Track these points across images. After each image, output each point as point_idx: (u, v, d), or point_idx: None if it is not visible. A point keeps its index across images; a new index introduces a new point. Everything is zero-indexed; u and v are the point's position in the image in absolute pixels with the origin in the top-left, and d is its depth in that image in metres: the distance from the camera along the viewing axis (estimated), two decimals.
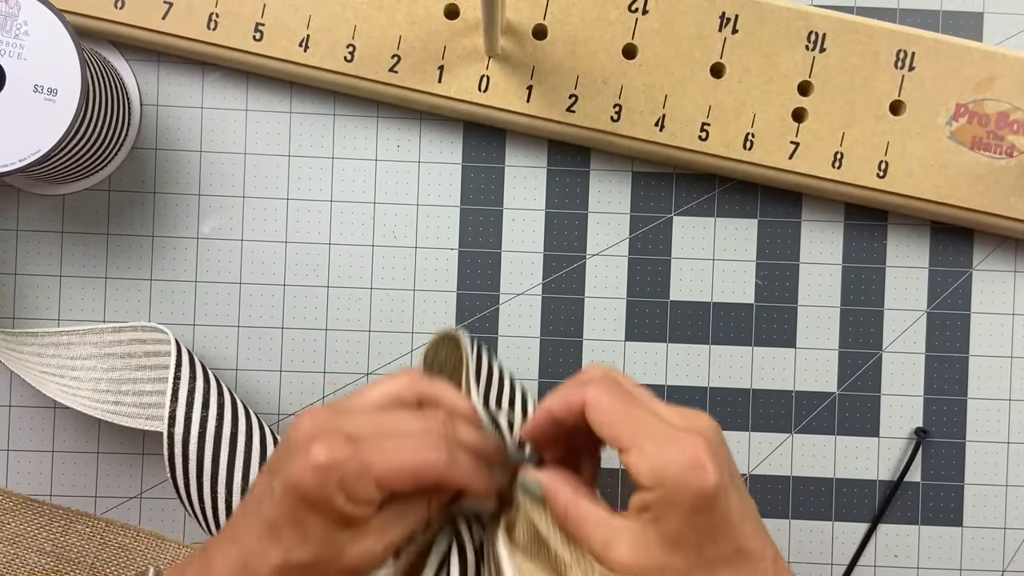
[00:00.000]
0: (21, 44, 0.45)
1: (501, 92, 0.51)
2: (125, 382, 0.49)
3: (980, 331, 0.54)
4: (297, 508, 0.33)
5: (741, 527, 0.32)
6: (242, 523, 0.35)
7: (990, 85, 0.51)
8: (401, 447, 0.34)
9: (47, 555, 0.50)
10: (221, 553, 0.34)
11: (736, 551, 0.32)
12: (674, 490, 0.31)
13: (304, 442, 0.33)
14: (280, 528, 0.33)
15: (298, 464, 0.32)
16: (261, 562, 0.33)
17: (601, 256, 0.54)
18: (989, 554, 0.54)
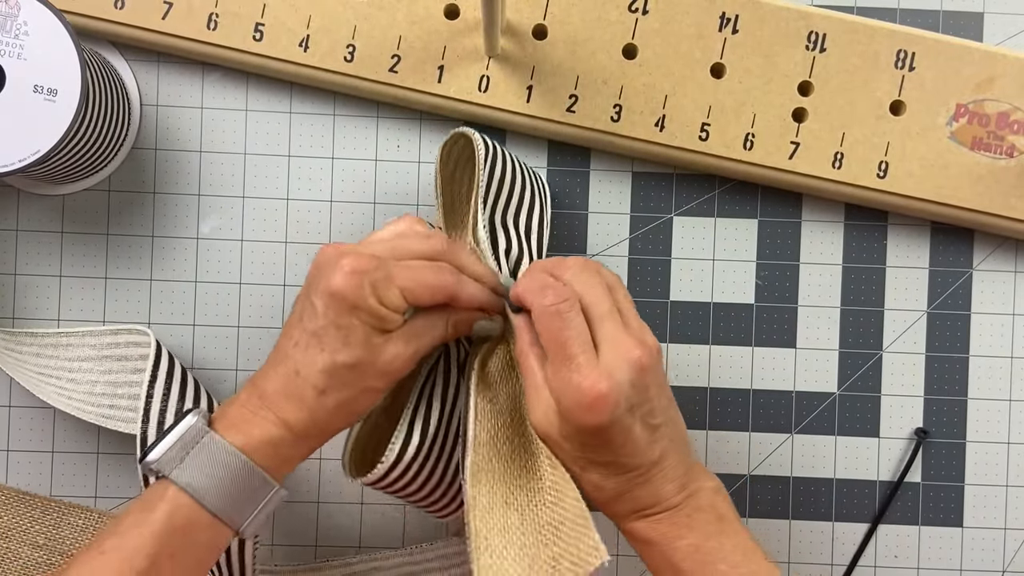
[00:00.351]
0: (21, 44, 0.45)
1: (501, 92, 0.51)
2: (121, 385, 0.49)
3: (980, 331, 0.54)
4: (339, 314, 0.38)
5: (621, 447, 0.38)
6: (286, 344, 0.40)
7: (990, 85, 0.51)
8: (418, 266, 0.40)
9: (40, 548, 0.50)
10: (271, 372, 0.40)
11: (610, 462, 0.39)
12: (565, 412, 0.38)
13: (334, 259, 0.39)
14: (324, 335, 0.39)
15: (334, 275, 0.38)
16: (310, 367, 0.39)
17: (601, 256, 0.54)
18: (989, 554, 0.54)
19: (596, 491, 0.40)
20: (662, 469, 0.39)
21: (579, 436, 0.38)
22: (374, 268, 0.39)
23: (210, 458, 0.39)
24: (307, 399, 0.39)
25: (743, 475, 0.54)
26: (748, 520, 0.54)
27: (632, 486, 0.39)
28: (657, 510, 0.39)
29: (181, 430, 0.39)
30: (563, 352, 0.38)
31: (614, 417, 0.37)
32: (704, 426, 0.54)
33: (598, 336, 0.39)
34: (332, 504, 0.53)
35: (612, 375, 0.38)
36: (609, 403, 0.37)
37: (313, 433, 0.40)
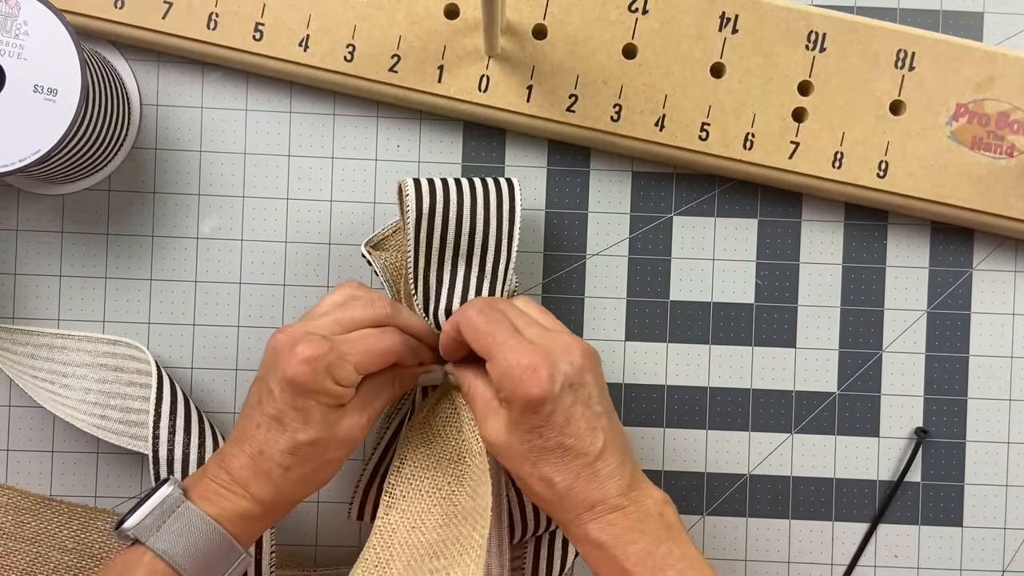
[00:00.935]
0: (21, 44, 0.45)
1: (501, 92, 0.51)
2: (114, 396, 0.49)
3: (980, 331, 0.54)
4: (296, 398, 0.41)
5: (565, 427, 0.40)
6: (247, 425, 0.42)
7: (990, 85, 0.51)
8: (365, 336, 0.43)
9: (69, 552, 0.50)
10: (236, 451, 0.42)
11: (557, 444, 0.40)
12: (511, 392, 0.40)
13: (288, 346, 0.41)
14: (284, 417, 0.41)
15: (290, 363, 0.41)
16: (273, 447, 0.41)
17: (601, 256, 0.54)
18: (989, 554, 0.54)
19: (548, 488, 0.41)
20: (607, 463, 0.41)
21: (524, 420, 0.40)
22: (327, 352, 0.41)
23: (186, 527, 0.41)
24: (273, 476, 0.42)
25: (743, 475, 0.54)
26: (748, 520, 0.54)
27: (580, 479, 0.40)
28: (606, 509, 0.40)
29: (159, 498, 0.41)
30: (495, 341, 0.41)
31: (553, 390, 0.40)
32: (704, 426, 0.54)
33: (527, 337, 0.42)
34: (332, 504, 0.53)
35: (546, 352, 0.40)
36: (546, 372, 0.39)
37: (280, 505, 0.43)
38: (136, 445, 0.48)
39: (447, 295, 0.48)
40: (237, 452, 0.42)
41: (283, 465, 0.42)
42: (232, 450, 0.42)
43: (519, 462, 0.41)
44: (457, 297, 0.48)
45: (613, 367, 0.54)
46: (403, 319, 0.45)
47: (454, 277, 0.48)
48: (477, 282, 0.48)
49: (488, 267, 0.48)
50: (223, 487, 0.42)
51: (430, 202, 0.47)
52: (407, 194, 0.47)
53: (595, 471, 0.40)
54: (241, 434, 0.43)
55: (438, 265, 0.48)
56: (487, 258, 0.48)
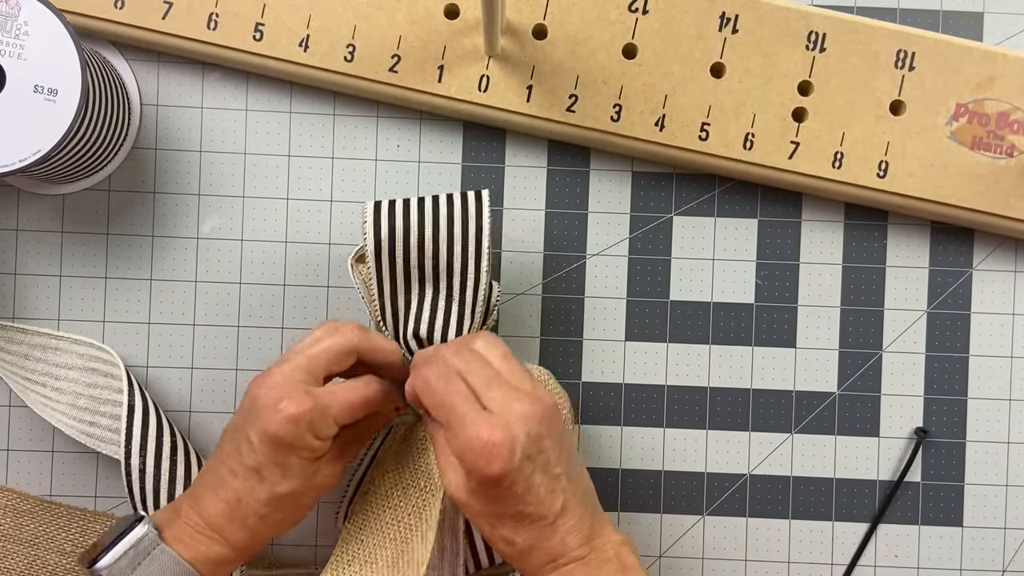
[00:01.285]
0: (21, 44, 0.45)
1: (501, 92, 0.51)
2: (104, 403, 0.49)
3: (980, 331, 0.54)
4: (276, 452, 0.41)
5: (524, 496, 0.40)
6: (221, 471, 0.42)
7: (990, 85, 0.51)
8: (345, 388, 0.44)
9: (67, 555, 0.50)
10: (212, 497, 0.42)
11: (516, 512, 0.40)
12: (471, 466, 0.39)
13: (271, 401, 0.41)
14: (263, 469, 0.42)
15: (273, 420, 0.41)
16: (251, 496, 0.42)
17: (601, 256, 0.54)
18: (989, 554, 0.54)
19: (508, 546, 0.41)
20: (566, 520, 0.41)
21: (484, 490, 0.40)
22: (310, 409, 0.41)
23: (161, 570, 0.41)
24: (249, 523, 0.42)
25: (743, 475, 0.54)
26: (748, 520, 0.54)
27: (540, 538, 0.41)
28: (565, 560, 0.41)
29: (133, 539, 0.41)
30: (453, 413, 0.40)
31: (512, 465, 0.39)
32: (704, 426, 0.54)
33: (485, 401, 0.41)
34: (332, 504, 0.53)
35: (505, 426, 0.39)
36: (506, 450, 0.39)
37: (254, 547, 0.43)
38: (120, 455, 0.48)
39: (415, 318, 0.47)
40: (213, 499, 0.42)
41: (260, 514, 0.42)
42: (207, 495, 0.43)
43: (478, 521, 0.41)
44: (425, 321, 0.47)
45: (613, 367, 0.54)
46: (374, 343, 0.45)
47: (422, 300, 0.47)
48: (446, 304, 0.47)
49: (455, 289, 0.47)
50: (198, 532, 0.42)
51: (388, 227, 0.46)
52: (364, 221, 0.46)
53: (555, 528, 0.41)
54: (216, 480, 0.43)
55: (404, 288, 0.47)
56: (454, 280, 0.47)
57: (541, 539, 0.41)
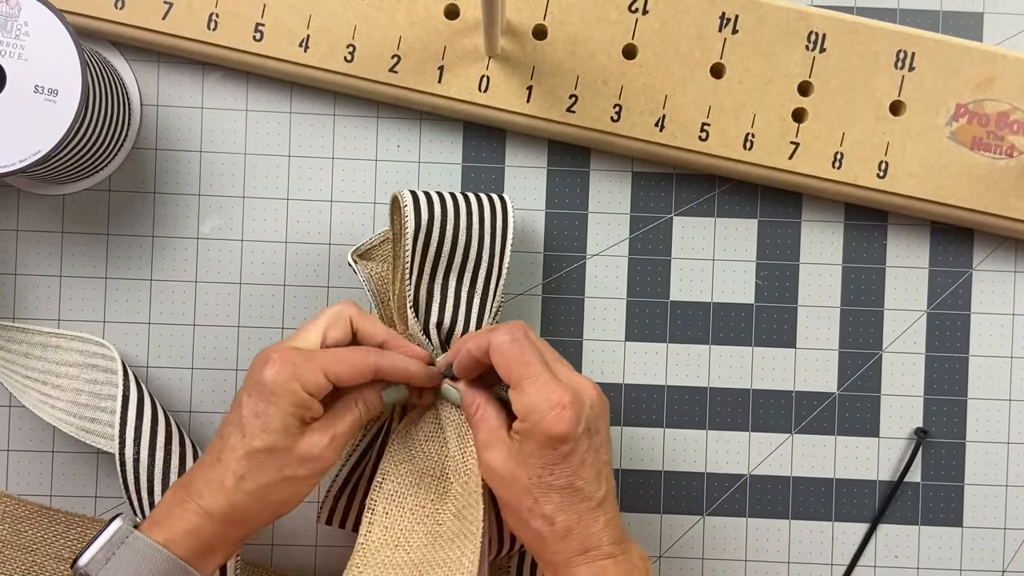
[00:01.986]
0: (21, 44, 0.45)
1: (501, 92, 0.51)
2: (105, 398, 0.49)
3: (980, 331, 0.54)
4: (259, 402, 0.41)
5: (578, 469, 0.40)
6: (213, 441, 0.43)
7: (990, 85, 0.51)
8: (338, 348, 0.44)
9: (65, 561, 0.50)
10: (197, 465, 0.43)
11: (567, 484, 0.40)
12: (533, 425, 0.40)
13: (261, 358, 0.42)
14: (245, 423, 0.41)
15: (258, 371, 0.41)
16: (230, 453, 0.41)
17: (601, 256, 0.54)
18: (989, 554, 0.54)
19: (547, 525, 0.41)
20: (605, 512, 0.41)
21: (541, 454, 0.40)
22: (297, 355, 0.42)
23: (134, 555, 0.41)
24: (226, 484, 0.41)
25: (743, 475, 0.54)
26: (748, 520, 0.54)
27: (581, 522, 0.41)
28: (600, 555, 0.41)
29: (108, 534, 0.41)
30: (528, 371, 0.41)
31: (577, 431, 0.40)
32: (704, 426, 0.54)
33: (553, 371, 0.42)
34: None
35: (576, 392, 0.41)
36: (575, 413, 0.40)
37: (233, 520, 0.42)
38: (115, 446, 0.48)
39: (438, 309, 0.48)
40: (198, 466, 0.43)
41: (237, 473, 0.41)
42: (194, 467, 0.43)
43: (521, 495, 0.41)
44: (448, 311, 0.48)
45: (613, 367, 0.54)
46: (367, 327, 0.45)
47: (445, 291, 0.48)
48: (468, 296, 0.48)
49: (479, 283, 0.48)
50: (176, 504, 0.42)
51: (428, 215, 0.46)
52: (405, 205, 0.46)
53: (595, 517, 0.41)
54: (207, 450, 0.43)
55: (430, 278, 0.48)
56: (479, 275, 0.48)
57: (582, 523, 0.41)
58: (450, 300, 0.48)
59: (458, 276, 0.48)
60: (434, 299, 0.48)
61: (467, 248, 0.47)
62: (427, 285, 0.48)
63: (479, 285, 0.48)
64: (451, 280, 0.48)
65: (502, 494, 0.42)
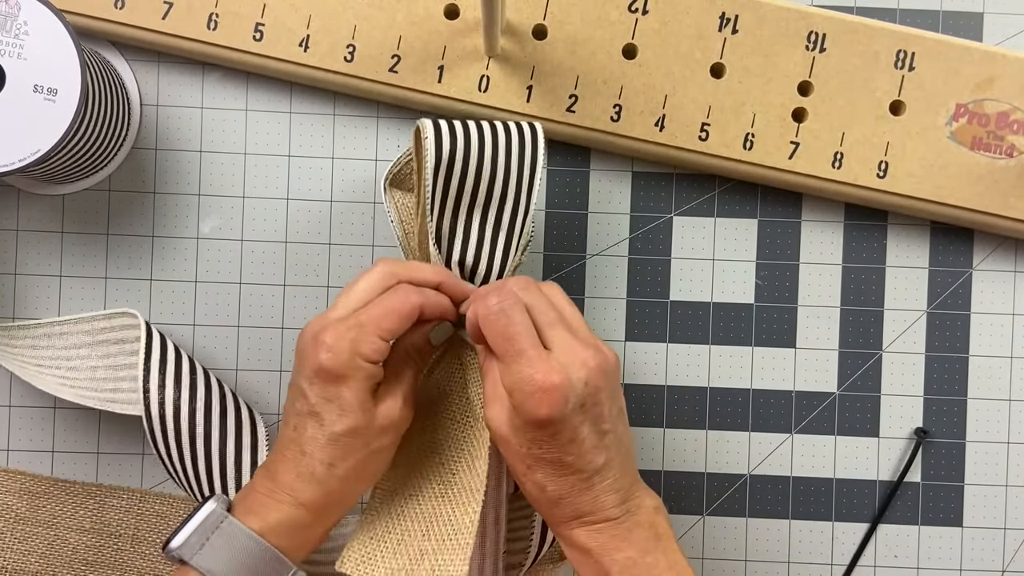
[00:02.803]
0: (21, 44, 0.45)
1: (501, 92, 0.51)
2: (121, 368, 0.49)
3: (980, 331, 0.54)
4: (327, 387, 0.40)
5: (567, 446, 0.39)
6: (286, 431, 0.42)
7: (990, 85, 0.51)
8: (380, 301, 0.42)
9: (87, 532, 0.50)
10: (279, 459, 0.41)
11: (556, 459, 0.39)
12: (519, 405, 0.39)
13: (311, 340, 0.41)
14: (319, 411, 0.40)
15: (315, 353, 0.40)
16: (313, 444, 0.40)
17: (601, 256, 0.54)
18: (989, 554, 0.54)
19: (539, 492, 0.41)
20: (604, 479, 0.40)
21: (528, 430, 0.39)
22: (347, 329, 0.40)
23: (229, 542, 0.40)
24: (317, 475, 0.41)
25: (743, 475, 0.54)
26: (748, 520, 0.54)
27: (573, 492, 0.40)
28: (596, 519, 0.40)
29: (202, 515, 0.40)
30: (512, 347, 0.39)
31: (564, 412, 0.38)
32: (704, 426, 0.54)
33: (548, 340, 0.40)
34: None
35: (563, 371, 0.39)
36: (560, 395, 0.38)
37: (329, 505, 0.41)
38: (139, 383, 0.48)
39: (460, 246, 0.46)
40: (279, 459, 0.41)
41: (325, 462, 0.40)
42: (275, 458, 0.42)
43: (514, 460, 0.41)
44: (472, 248, 0.46)
45: None
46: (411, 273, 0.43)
47: (468, 228, 0.46)
48: (492, 234, 0.46)
49: (505, 220, 0.46)
50: (267, 496, 0.41)
51: (450, 147, 0.44)
52: (425, 138, 0.44)
53: (590, 485, 0.40)
54: (282, 441, 0.42)
55: (452, 214, 0.46)
56: (504, 210, 0.46)
57: (573, 493, 0.40)
58: (473, 237, 0.46)
59: (482, 212, 0.46)
60: (456, 236, 0.46)
61: (491, 183, 0.45)
62: (450, 221, 0.46)
63: (504, 221, 0.46)
64: (475, 216, 0.46)
65: (501, 450, 0.42)
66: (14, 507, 0.50)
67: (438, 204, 0.45)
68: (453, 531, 0.41)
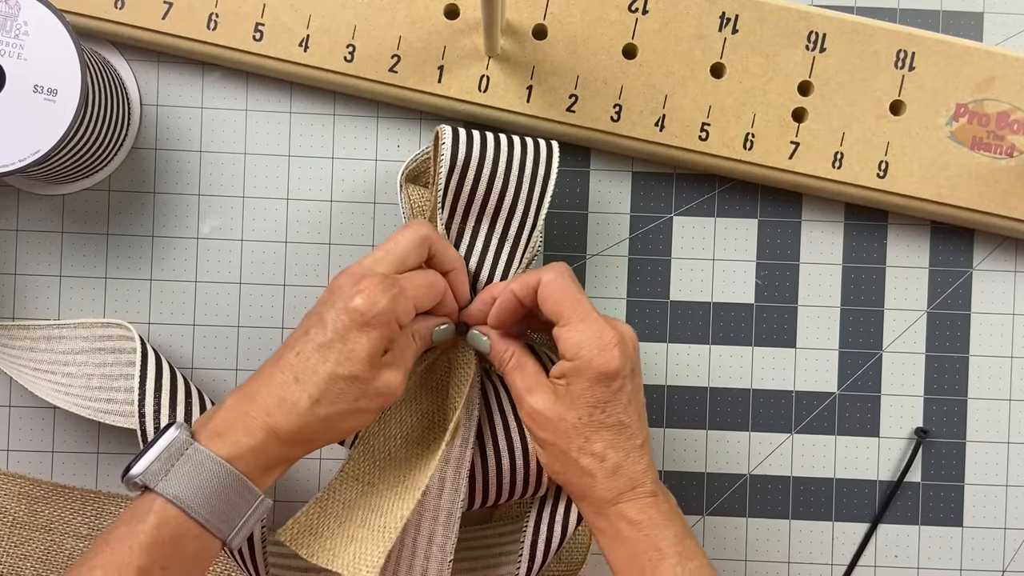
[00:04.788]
0: (21, 44, 0.45)
1: (501, 92, 0.51)
2: (117, 378, 0.49)
3: (980, 331, 0.54)
4: (349, 329, 0.40)
5: (626, 407, 0.42)
6: (286, 355, 0.41)
7: (990, 85, 0.51)
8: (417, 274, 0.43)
9: (84, 539, 0.50)
10: (266, 379, 0.41)
11: (618, 421, 0.42)
12: (586, 362, 0.41)
13: (352, 280, 0.41)
14: (330, 347, 0.40)
15: (355, 295, 0.40)
16: (310, 375, 0.40)
17: (601, 256, 0.54)
18: (989, 554, 0.54)
19: (598, 462, 0.42)
20: (647, 452, 0.43)
21: (593, 392, 0.41)
22: (390, 284, 0.41)
23: (195, 468, 0.39)
24: (300, 406, 0.40)
25: (743, 475, 0.54)
26: (748, 520, 0.54)
27: (630, 459, 0.42)
28: (646, 491, 0.42)
29: (165, 442, 0.39)
30: (580, 308, 0.42)
31: (625, 367, 0.41)
32: (704, 426, 0.54)
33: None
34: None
35: (621, 333, 0.42)
36: (625, 349, 0.41)
37: (298, 441, 0.41)
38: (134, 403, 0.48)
39: (466, 250, 0.47)
40: (266, 380, 0.41)
41: (313, 397, 0.40)
42: (261, 378, 0.41)
43: (570, 436, 0.42)
44: (476, 254, 0.47)
45: None
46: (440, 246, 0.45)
47: (476, 234, 0.47)
48: (499, 242, 0.47)
49: (512, 230, 0.47)
50: (238, 418, 0.40)
51: (465, 154, 0.46)
52: (443, 143, 0.45)
53: (642, 455, 0.42)
54: (276, 364, 0.41)
55: (461, 219, 0.47)
56: (513, 220, 0.47)
57: (630, 460, 0.42)
58: (479, 243, 0.47)
59: (490, 222, 0.47)
60: (464, 240, 0.47)
61: (503, 193, 0.46)
62: (458, 225, 0.47)
63: (512, 231, 0.47)
64: (483, 224, 0.47)
65: (547, 436, 0.43)
66: (12, 511, 0.50)
67: (448, 207, 0.46)
68: (383, 525, 0.42)
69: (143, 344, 0.49)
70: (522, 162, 0.47)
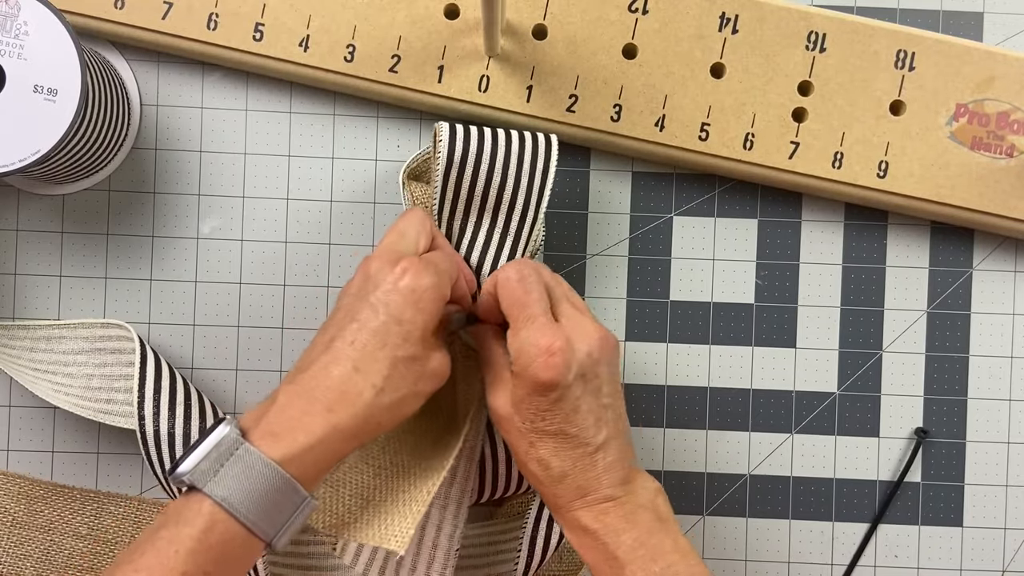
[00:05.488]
0: (21, 44, 0.45)
1: (501, 92, 0.51)
2: (117, 379, 0.49)
3: (980, 331, 0.54)
4: (402, 310, 0.39)
5: (570, 416, 0.40)
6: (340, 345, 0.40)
7: (990, 85, 0.51)
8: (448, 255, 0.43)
9: (84, 539, 0.50)
10: (322, 374, 0.39)
11: (559, 430, 0.40)
12: (522, 370, 0.40)
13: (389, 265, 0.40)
14: (386, 332, 0.39)
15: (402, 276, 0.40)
16: (371, 363, 0.39)
17: (601, 256, 0.54)
18: (989, 554, 0.54)
19: (543, 470, 0.41)
20: (606, 456, 0.41)
21: (531, 400, 0.40)
22: (431, 264, 0.41)
23: (245, 469, 0.37)
24: (364, 396, 0.39)
25: (743, 475, 0.54)
26: (748, 520, 0.54)
27: (577, 468, 0.40)
28: (600, 498, 0.40)
29: (214, 440, 0.38)
30: (525, 312, 0.41)
31: (566, 378, 0.39)
32: (704, 426, 0.54)
33: (557, 314, 0.42)
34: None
35: (568, 339, 0.40)
36: (563, 360, 0.39)
37: (359, 434, 0.39)
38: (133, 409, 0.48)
39: (467, 246, 0.47)
40: (322, 374, 0.39)
41: (377, 385, 0.39)
42: (316, 373, 0.39)
43: (518, 438, 0.41)
44: (477, 250, 0.47)
45: None
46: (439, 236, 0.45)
47: (477, 229, 0.47)
48: (500, 238, 0.47)
49: (512, 225, 0.47)
50: (297, 417, 0.38)
51: (462, 151, 0.45)
52: (440, 139, 0.46)
53: (593, 461, 0.40)
54: (330, 354, 0.40)
55: (463, 215, 0.47)
56: (513, 215, 0.47)
57: (577, 469, 0.40)
58: (480, 239, 0.47)
59: (491, 218, 0.47)
60: (465, 236, 0.47)
61: (501, 188, 0.46)
62: (460, 221, 0.47)
63: (512, 226, 0.47)
64: (484, 219, 0.47)
65: (504, 435, 0.42)
66: (12, 511, 0.50)
67: (448, 203, 0.46)
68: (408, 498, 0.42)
69: (142, 346, 0.49)
70: (520, 156, 0.46)
